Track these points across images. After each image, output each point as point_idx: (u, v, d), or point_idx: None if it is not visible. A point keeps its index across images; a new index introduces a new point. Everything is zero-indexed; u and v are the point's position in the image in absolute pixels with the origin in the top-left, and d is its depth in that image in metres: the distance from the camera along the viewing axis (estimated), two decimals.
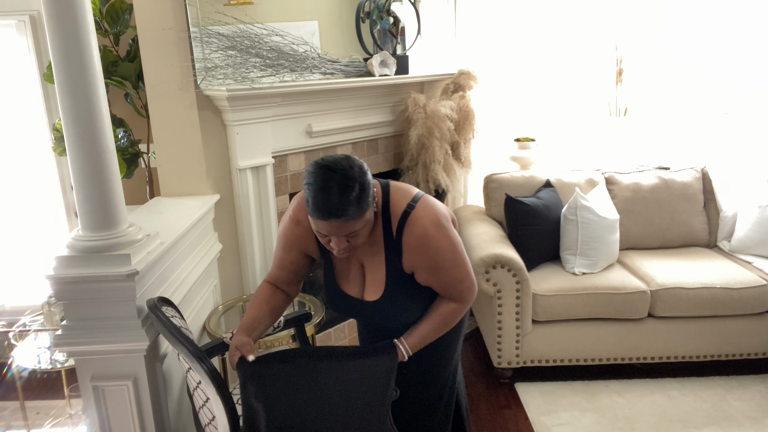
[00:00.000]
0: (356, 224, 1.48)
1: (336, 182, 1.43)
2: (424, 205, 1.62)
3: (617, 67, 3.81)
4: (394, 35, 3.18)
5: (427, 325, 1.70)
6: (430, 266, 1.63)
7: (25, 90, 3.37)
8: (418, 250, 1.60)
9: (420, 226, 1.59)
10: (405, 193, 1.64)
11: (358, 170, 1.46)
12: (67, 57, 1.63)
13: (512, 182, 3.39)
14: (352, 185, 1.44)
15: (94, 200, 1.74)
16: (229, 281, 2.79)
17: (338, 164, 1.45)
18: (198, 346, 1.60)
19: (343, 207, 1.43)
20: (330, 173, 1.44)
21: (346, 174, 1.44)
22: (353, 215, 1.45)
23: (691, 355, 2.96)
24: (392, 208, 1.62)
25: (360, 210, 1.46)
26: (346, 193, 1.43)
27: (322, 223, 1.47)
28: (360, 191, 1.45)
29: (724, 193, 3.39)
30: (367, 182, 1.48)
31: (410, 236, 1.59)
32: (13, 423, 2.93)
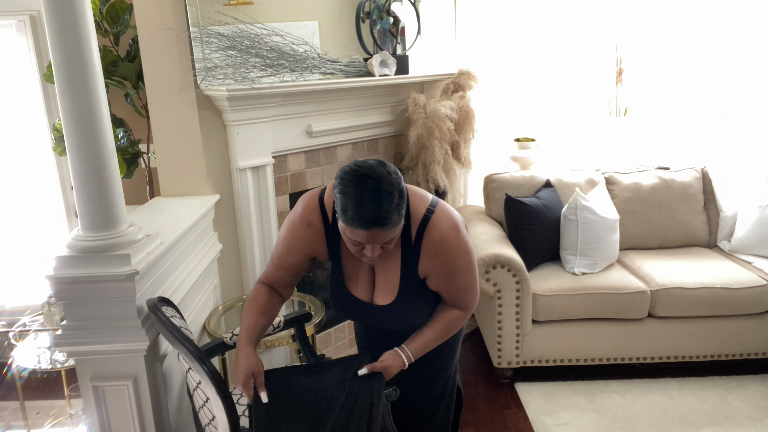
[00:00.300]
0: (395, 231, 1.47)
1: (378, 190, 1.39)
2: (443, 210, 1.61)
3: (617, 67, 3.81)
4: (394, 35, 3.18)
5: (430, 332, 1.70)
6: (445, 271, 1.62)
7: (25, 90, 3.37)
8: (437, 254, 1.59)
9: (440, 230, 1.58)
10: (422, 198, 1.63)
11: (395, 176, 1.44)
12: (67, 57, 1.63)
13: (512, 182, 3.39)
14: (393, 192, 1.41)
15: (94, 200, 1.74)
16: (229, 281, 2.79)
17: (376, 171, 1.42)
18: (198, 346, 1.60)
19: (387, 215, 1.40)
20: (370, 181, 1.40)
21: (387, 180, 1.41)
22: (395, 222, 1.43)
23: (691, 355, 2.96)
24: (412, 212, 1.60)
25: (400, 216, 1.45)
26: (389, 201, 1.40)
27: (362, 233, 1.42)
28: (399, 197, 1.43)
29: (724, 193, 3.39)
30: (404, 188, 1.46)
31: (430, 241, 1.58)
32: (13, 423, 2.93)
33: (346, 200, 1.41)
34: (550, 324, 2.91)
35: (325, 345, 3.30)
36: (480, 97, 3.55)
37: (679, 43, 3.68)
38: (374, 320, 1.77)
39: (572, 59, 3.77)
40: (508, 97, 3.80)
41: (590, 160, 3.85)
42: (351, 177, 1.42)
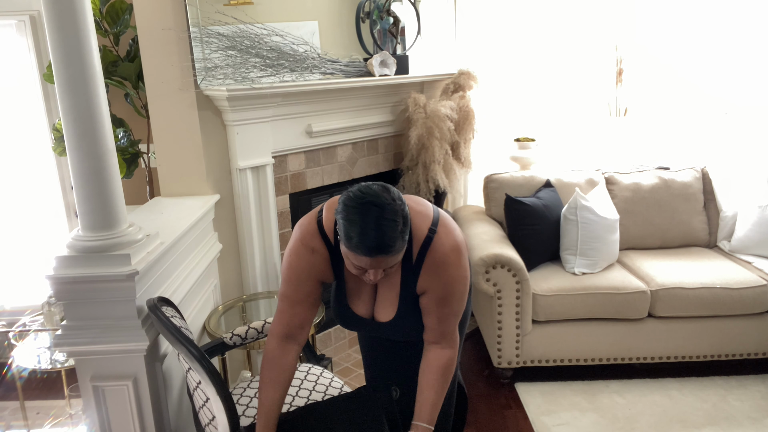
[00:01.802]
0: (399, 256, 1.46)
1: (382, 218, 1.38)
2: (445, 229, 1.59)
3: (617, 67, 3.81)
4: (394, 35, 3.18)
5: (432, 392, 1.64)
6: (442, 294, 1.60)
7: (25, 90, 3.37)
8: (437, 276, 1.58)
9: (442, 252, 1.56)
10: (423, 216, 1.60)
11: (400, 203, 1.42)
12: (67, 57, 1.63)
13: (512, 182, 3.39)
14: (397, 219, 1.40)
15: (94, 200, 1.74)
16: (229, 281, 2.79)
17: (381, 199, 1.40)
18: (198, 346, 1.60)
19: (391, 243, 1.39)
20: (375, 209, 1.38)
21: (392, 208, 1.40)
22: (399, 249, 1.42)
23: (691, 355, 2.96)
24: (414, 233, 1.57)
25: (404, 243, 1.44)
26: (393, 229, 1.39)
27: (366, 259, 1.41)
28: (403, 224, 1.42)
29: (724, 193, 3.39)
30: (407, 213, 1.45)
31: (431, 262, 1.57)
32: (13, 423, 2.93)
33: (350, 227, 1.39)
34: (550, 324, 2.91)
35: (325, 345, 3.30)
36: (480, 97, 3.56)
37: (679, 43, 3.68)
38: (376, 333, 1.79)
39: (572, 59, 3.77)
40: (508, 97, 3.80)
41: (590, 160, 3.85)
42: (355, 204, 1.40)
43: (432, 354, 1.66)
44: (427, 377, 1.65)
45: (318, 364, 2.18)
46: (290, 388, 1.98)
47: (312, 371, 2.10)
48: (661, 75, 3.76)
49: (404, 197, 1.61)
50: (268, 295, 2.79)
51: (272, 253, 2.85)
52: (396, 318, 1.67)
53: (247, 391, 1.99)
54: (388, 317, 1.68)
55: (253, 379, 2.07)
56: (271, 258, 2.85)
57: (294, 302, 1.64)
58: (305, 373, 2.09)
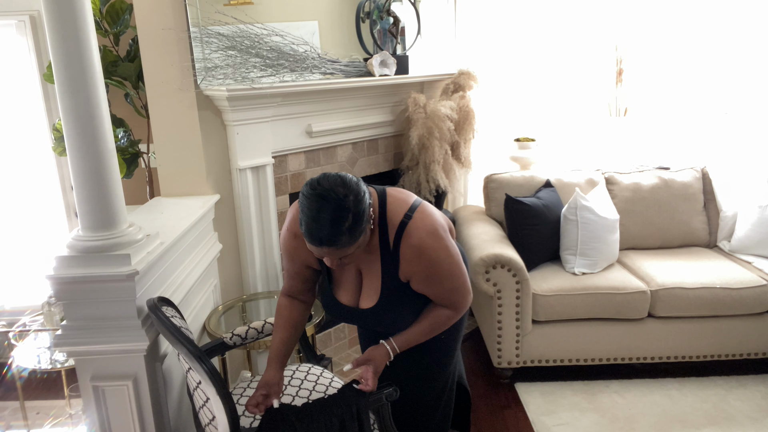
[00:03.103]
0: (348, 250, 1.48)
1: (328, 212, 1.40)
2: (421, 215, 1.61)
3: (617, 67, 3.81)
4: (394, 35, 3.18)
5: (416, 327, 1.71)
6: (426, 276, 1.63)
7: (25, 90, 3.37)
8: (415, 260, 1.60)
9: (417, 237, 1.58)
10: (401, 203, 1.62)
11: (353, 198, 1.43)
12: (67, 57, 1.63)
13: (512, 182, 3.39)
14: (345, 215, 1.41)
15: (94, 200, 1.74)
16: (229, 281, 2.79)
17: (332, 192, 1.41)
18: (198, 346, 1.60)
19: (334, 237, 1.42)
20: (322, 203, 1.41)
21: (339, 204, 1.41)
22: (344, 244, 1.45)
23: (691, 355, 2.96)
24: (389, 219, 1.61)
25: (352, 238, 1.45)
26: (338, 224, 1.41)
27: (315, 248, 1.47)
28: (353, 221, 1.43)
29: (724, 193, 3.39)
30: (361, 211, 1.45)
31: (407, 247, 1.59)
32: (13, 423, 2.93)
33: (301, 216, 1.45)
34: (550, 324, 2.91)
35: (325, 345, 3.30)
36: (480, 97, 3.55)
37: (679, 43, 3.68)
38: (361, 323, 1.81)
39: (572, 59, 3.77)
40: (508, 97, 3.80)
41: (590, 160, 3.85)
42: (308, 194, 1.43)
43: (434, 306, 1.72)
44: (422, 318, 1.72)
45: (318, 364, 2.18)
46: (290, 388, 1.99)
47: (312, 371, 2.10)
48: (661, 75, 3.76)
49: (389, 192, 1.65)
50: (268, 295, 2.79)
51: (272, 253, 2.85)
52: (377, 305, 1.69)
53: (247, 391, 1.99)
54: (371, 304, 1.70)
55: (253, 379, 2.07)
56: (271, 258, 2.85)
57: (290, 275, 1.79)
58: (305, 373, 2.09)
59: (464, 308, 1.74)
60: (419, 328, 1.71)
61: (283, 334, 1.79)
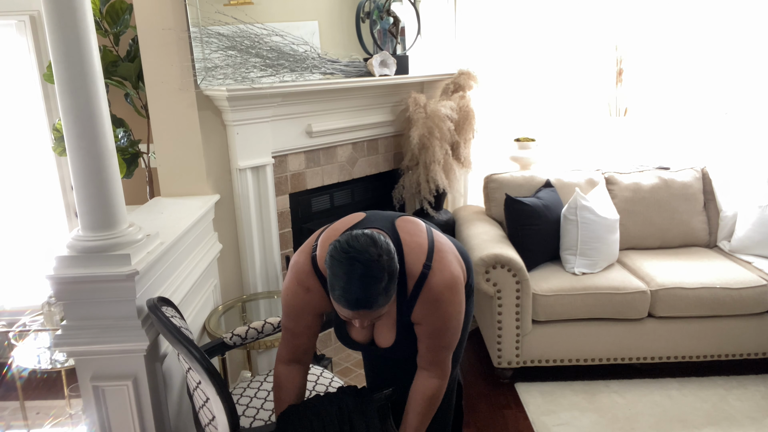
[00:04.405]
0: (382, 310, 1.45)
1: (365, 276, 1.36)
2: (440, 265, 1.58)
3: (617, 67, 3.81)
4: (394, 35, 3.18)
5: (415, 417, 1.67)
6: (435, 328, 1.61)
7: (25, 90, 3.37)
8: (430, 312, 1.58)
9: (437, 290, 1.56)
10: (418, 249, 1.58)
11: (386, 258, 1.40)
12: (67, 57, 1.63)
13: (512, 182, 3.39)
14: (380, 276, 1.38)
15: (94, 200, 1.74)
16: (229, 281, 2.79)
17: (366, 254, 1.37)
18: (198, 346, 1.60)
19: (372, 300, 1.38)
20: (358, 265, 1.37)
21: (375, 265, 1.37)
22: (381, 304, 1.42)
23: (691, 355, 2.96)
24: (408, 268, 1.57)
25: (387, 298, 1.42)
26: (376, 286, 1.38)
27: (350, 312, 1.42)
28: (388, 280, 1.40)
29: (724, 193, 3.39)
30: (395, 268, 1.42)
31: (425, 298, 1.57)
32: (13, 423, 2.93)
33: (334, 279, 1.40)
34: (550, 324, 2.91)
35: (324, 345, 3.30)
36: (480, 97, 3.56)
37: (679, 43, 3.68)
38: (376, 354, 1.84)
39: (572, 59, 3.76)
40: (508, 97, 3.80)
41: (590, 160, 3.85)
42: (340, 258, 1.38)
43: (421, 381, 1.68)
44: (413, 403, 1.67)
45: (318, 364, 2.19)
46: None
47: (312, 371, 2.10)
48: (661, 75, 3.76)
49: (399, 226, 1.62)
50: (268, 295, 2.79)
51: (272, 253, 2.85)
52: (395, 344, 1.69)
53: (247, 391, 1.99)
54: (388, 343, 1.69)
55: (252, 379, 2.07)
56: (271, 258, 2.85)
57: (295, 334, 1.69)
58: None
59: (448, 372, 1.69)
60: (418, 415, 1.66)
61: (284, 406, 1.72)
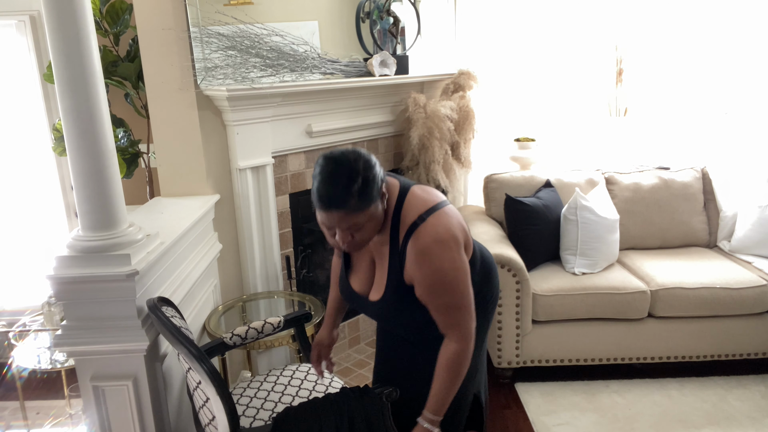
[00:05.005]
0: (358, 217, 1.48)
1: (339, 174, 1.44)
2: (436, 220, 1.55)
3: (617, 67, 3.81)
4: (394, 35, 3.18)
5: (437, 383, 1.62)
6: (426, 284, 1.58)
7: (25, 90, 3.37)
8: (417, 264, 1.56)
9: (423, 242, 1.54)
10: (421, 202, 1.58)
11: (363, 164, 1.47)
12: (67, 57, 1.63)
13: (512, 182, 3.39)
14: (354, 178, 1.44)
15: (94, 200, 1.74)
16: (229, 281, 2.79)
17: (344, 157, 1.47)
18: (198, 346, 1.60)
19: (343, 198, 1.44)
20: (334, 165, 1.46)
21: (350, 167, 1.45)
22: (353, 207, 1.45)
23: (691, 355, 2.96)
24: (403, 216, 1.58)
25: (361, 203, 1.46)
26: (348, 186, 1.44)
27: (325, 215, 1.48)
28: (363, 184, 1.45)
29: (724, 193, 3.39)
30: (372, 177, 1.47)
31: (412, 249, 1.55)
32: (13, 423, 2.93)
33: (314, 182, 1.50)
34: (550, 324, 2.91)
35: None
36: (480, 97, 3.55)
37: (679, 43, 3.68)
38: (368, 313, 1.79)
39: (572, 59, 3.76)
40: (508, 97, 3.80)
41: (590, 160, 3.85)
42: (321, 161, 1.49)
43: (442, 347, 1.65)
44: (437, 370, 1.65)
45: None
46: (290, 388, 1.99)
47: (312, 371, 2.10)
48: (661, 75, 3.76)
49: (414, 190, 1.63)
50: (268, 295, 2.79)
51: (272, 253, 2.85)
52: (382, 300, 1.67)
53: (247, 391, 1.99)
54: (377, 297, 1.69)
55: (252, 379, 2.08)
56: (271, 258, 2.85)
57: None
58: (305, 373, 2.09)
59: (469, 335, 1.62)
60: (439, 381, 1.62)
61: (336, 291, 1.91)
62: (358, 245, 1.57)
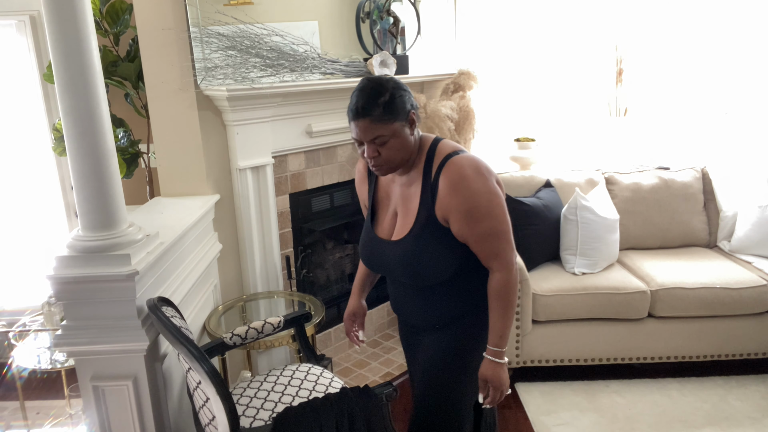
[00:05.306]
0: (382, 129, 1.56)
1: (370, 87, 1.57)
2: (470, 155, 1.63)
3: (617, 67, 3.81)
4: (394, 35, 3.18)
5: (492, 315, 1.64)
6: (464, 211, 1.56)
7: (25, 90, 3.37)
8: (454, 191, 1.56)
9: (458, 167, 1.58)
10: (454, 146, 1.66)
11: (394, 83, 1.59)
12: (67, 57, 1.63)
13: (512, 182, 3.39)
14: (382, 91, 1.56)
15: (94, 200, 1.74)
16: (229, 281, 2.79)
17: (378, 77, 1.61)
18: (198, 346, 1.61)
19: (369, 107, 1.55)
20: (368, 81, 1.59)
21: (380, 83, 1.58)
22: (378, 117, 1.55)
23: (691, 355, 2.96)
24: (437, 153, 1.65)
25: (386, 114, 1.55)
26: (375, 97, 1.55)
27: (353, 125, 1.60)
28: (390, 98, 1.56)
29: (724, 193, 3.39)
30: (399, 93, 1.58)
31: (447, 177, 1.58)
32: (13, 423, 2.93)
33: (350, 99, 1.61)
34: (550, 324, 2.91)
35: (325, 345, 3.30)
36: (480, 97, 3.55)
37: (679, 43, 3.68)
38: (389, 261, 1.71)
39: (572, 59, 3.76)
40: (508, 97, 3.80)
41: (590, 160, 3.85)
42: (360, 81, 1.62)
43: (489, 279, 1.66)
44: (489, 302, 1.67)
45: (318, 364, 2.18)
46: (290, 388, 1.99)
47: (312, 371, 2.10)
48: (661, 75, 3.75)
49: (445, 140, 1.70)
50: (268, 295, 2.79)
51: (272, 253, 2.85)
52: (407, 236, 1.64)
53: (247, 391, 1.99)
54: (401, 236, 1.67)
55: (252, 379, 2.08)
56: (271, 258, 2.85)
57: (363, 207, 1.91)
58: (305, 373, 2.09)
59: (511, 264, 1.63)
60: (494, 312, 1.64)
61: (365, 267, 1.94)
62: (385, 164, 1.61)
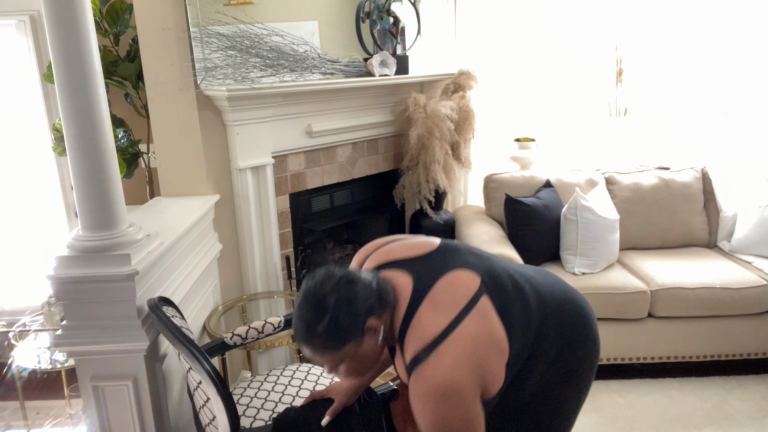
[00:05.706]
0: (330, 357, 1.28)
1: (306, 308, 1.27)
2: (438, 360, 1.23)
3: (617, 67, 3.81)
4: (394, 35, 3.18)
5: None
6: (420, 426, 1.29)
7: (25, 90, 3.37)
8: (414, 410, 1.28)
9: (420, 390, 1.25)
10: (427, 328, 1.27)
11: (336, 300, 1.25)
12: (67, 57, 1.63)
13: (512, 182, 3.39)
14: (321, 317, 1.25)
15: (94, 200, 1.74)
16: (229, 281, 2.79)
17: (317, 289, 1.28)
18: (199, 346, 1.61)
19: (306, 337, 1.27)
20: (304, 296, 1.29)
21: (319, 302, 1.26)
22: (319, 349, 1.27)
23: (691, 355, 2.96)
24: (406, 344, 1.30)
25: (330, 342, 1.26)
26: (312, 324, 1.25)
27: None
28: (331, 321, 1.24)
29: (724, 193, 3.39)
30: (344, 310, 1.25)
31: (411, 392, 1.29)
32: (13, 423, 2.93)
33: None
34: None
35: None
36: (480, 97, 3.56)
37: (679, 43, 3.68)
38: None
39: (572, 59, 3.76)
40: (508, 97, 3.80)
41: (590, 160, 3.85)
42: (302, 287, 1.33)
43: None
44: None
45: None
46: (291, 388, 1.99)
47: (312, 371, 2.10)
48: (661, 75, 3.76)
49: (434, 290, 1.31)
50: (268, 295, 2.79)
51: (272, 253, 2.85)
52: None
53: (247, 391, 1.99)
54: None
55: (253, 379, 2.08)
56: (271, 258, 2.85)
57: None
58: (305, 373, 2.09)
59: None
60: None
61: None
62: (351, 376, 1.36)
